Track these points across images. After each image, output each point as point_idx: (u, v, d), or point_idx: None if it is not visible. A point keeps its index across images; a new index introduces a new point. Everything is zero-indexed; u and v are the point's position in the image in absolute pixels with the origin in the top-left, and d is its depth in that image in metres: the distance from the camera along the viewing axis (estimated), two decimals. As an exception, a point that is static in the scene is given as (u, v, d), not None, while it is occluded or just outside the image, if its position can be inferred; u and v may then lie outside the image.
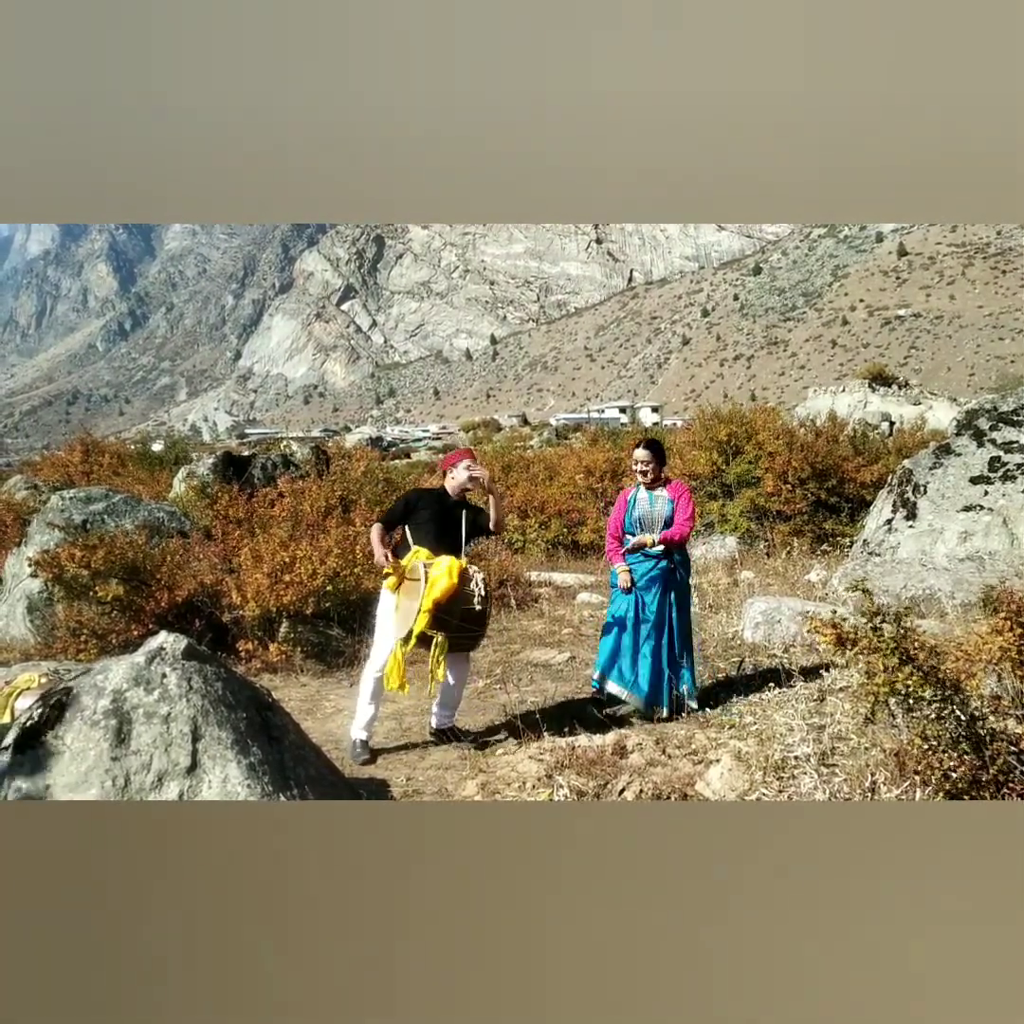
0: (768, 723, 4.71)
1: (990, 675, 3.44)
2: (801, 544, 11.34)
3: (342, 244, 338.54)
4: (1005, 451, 8.16)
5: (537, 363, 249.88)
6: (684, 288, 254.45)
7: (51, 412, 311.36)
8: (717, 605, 8.55)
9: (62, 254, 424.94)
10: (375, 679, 5.04)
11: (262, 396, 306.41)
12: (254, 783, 3.09)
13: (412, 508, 5.26)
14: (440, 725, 5.30)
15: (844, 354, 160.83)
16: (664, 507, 5.59)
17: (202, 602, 7.39)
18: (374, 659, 5.10)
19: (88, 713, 3.08)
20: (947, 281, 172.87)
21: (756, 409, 16.60)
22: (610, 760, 4.59)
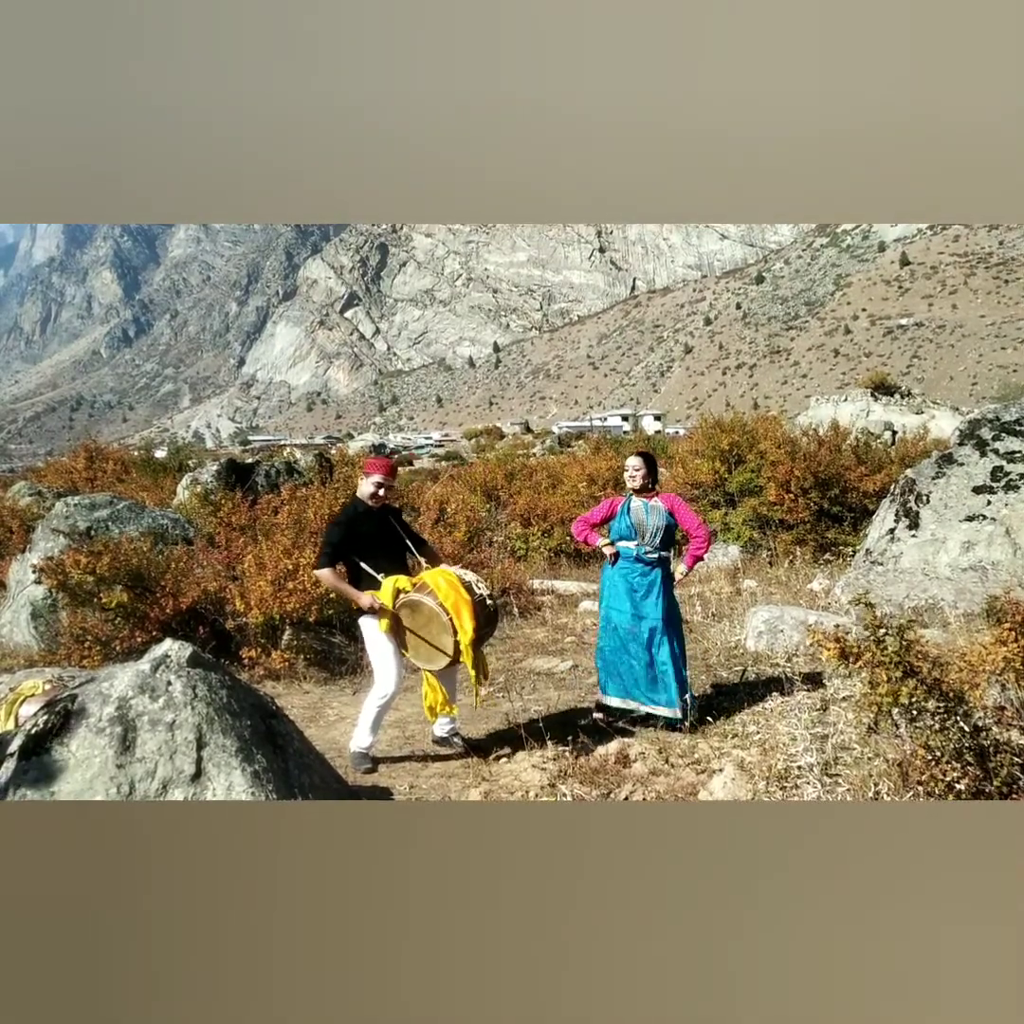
0: (771, 732, 4.71)
1: (994, 686, 3.44)
2: (804, 553, 11.33)
3: (346, 252, 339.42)
4: (1008, 461, 8.16)
5: (540, 371, 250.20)
6: (687, 297, 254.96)
7: (55, 418, 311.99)
8: (720, 614, 8.54)
9: (67, 261, 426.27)
10: (378, 708, 4.98)
11: (265, 403, 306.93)
12: (258, 791, 3.10)
13: (352, 538, 5.00)
14: (445, 732, 5.29)
15: (846, 363, 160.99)
16: (660, 518, 5.64)
17: (206, 609, 7.40)
18: (378, 688, 4.98)
19: (93, 720, 3.09)
20: (949, 290, 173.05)
21: (758, 418, 16.60)
22: (613, 769, 4.59)
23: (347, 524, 5.04)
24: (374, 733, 5.04)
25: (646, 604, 5.53)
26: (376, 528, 5.09)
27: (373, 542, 5.02)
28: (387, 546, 5.10)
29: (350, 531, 5.00)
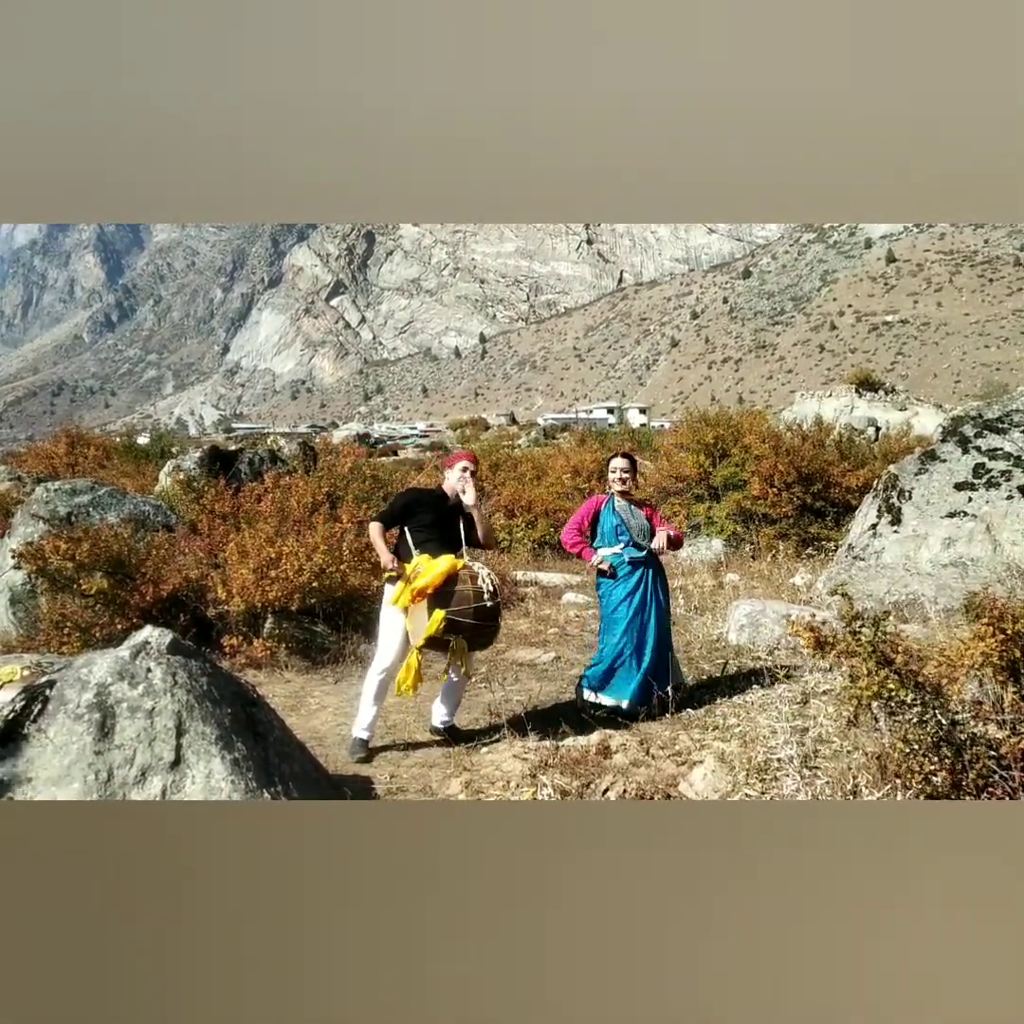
0: (752, 725, 4.73)
1: (972, 680, 3.46)
2: (787, 547, 11.39)
3: (332, 240, 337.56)
4: (989, 458, 8.22)
5: (526, 362, 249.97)
6: (674, 290, 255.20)
7: (36, 403, 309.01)
8: (702, 607, 8.58)
9: (49, 244, 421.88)
10: (379, 680, 5.03)
11: (249, 391, 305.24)
12: (238, 779, 3.08)
13: (412, 510, 5.20)
14: (441, 724, 5.29)
15: (832, 359, 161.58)
16: (642, 520, 5.71)
17: (187, 597, 7.36)
18: (378, 661, 5.09)
19: (72, 707, 3.06)
20: (934, 288, 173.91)
21: (743, 412, 16.66)
22: (594, 760, 4.60)
23: (410, 500, 5.27)
24: (377, 704, 5.08)
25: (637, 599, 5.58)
26: (437, 515, 5.23)
27: (430, 525, 5.16)
28: (442, 534, 5.19)
29: (409, 506, 5.21)
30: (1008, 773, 3.17)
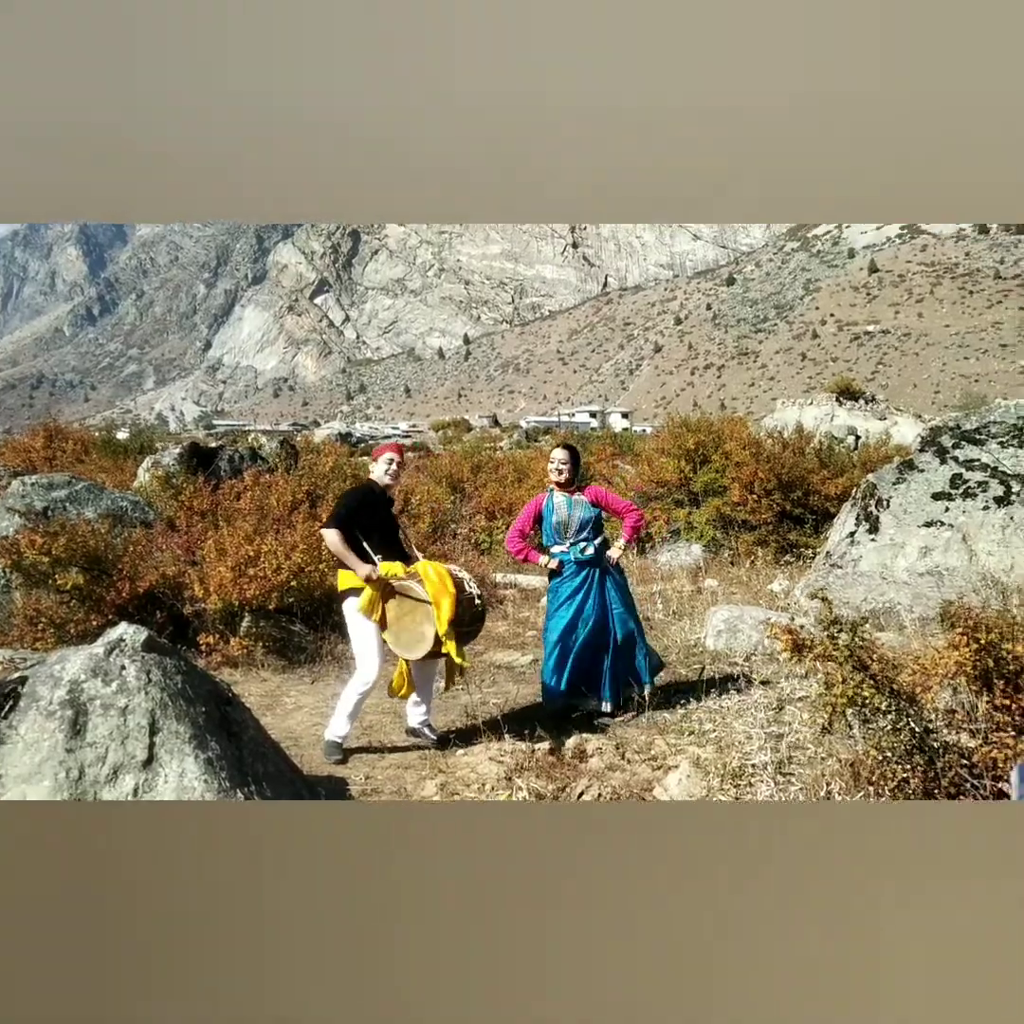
0: (727, 730, 4.75)
1: (946, 689, 3.49)
2: (765, 554, 11.44)
3: (317, 237, 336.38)
4: (967, 469, 8.29)
5: (509, 365, 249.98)
6: (658, 296, 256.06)
7: (14, 396, 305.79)
8: (680, 612, 8.61)
9: (30, 235, 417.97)
10: (358, 697, 4.95)
11: (231, 387, 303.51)
12: (211, 778, 3.06)
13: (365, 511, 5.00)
14: (417, 723, 5.26)
15: (813, 367, 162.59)
16: (583, 511, 5.67)
17: (164, 594, 7.30)
18: (361, 675, 4.95)
19: (43, 703, 3.03)
20: (916, 299, 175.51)
21: (725, 419, 16.70)
22: (570, 763, 4.61)
23: (364, 496, 5.09)
24: (352, 721, 5.04)
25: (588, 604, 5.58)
26: (384, 513, 5.15)
27: (378, 526, 5.05)
28: (389, 533, 5.14)
29: (366, 503, 5.03)
30: (980, 781, 3.20)
